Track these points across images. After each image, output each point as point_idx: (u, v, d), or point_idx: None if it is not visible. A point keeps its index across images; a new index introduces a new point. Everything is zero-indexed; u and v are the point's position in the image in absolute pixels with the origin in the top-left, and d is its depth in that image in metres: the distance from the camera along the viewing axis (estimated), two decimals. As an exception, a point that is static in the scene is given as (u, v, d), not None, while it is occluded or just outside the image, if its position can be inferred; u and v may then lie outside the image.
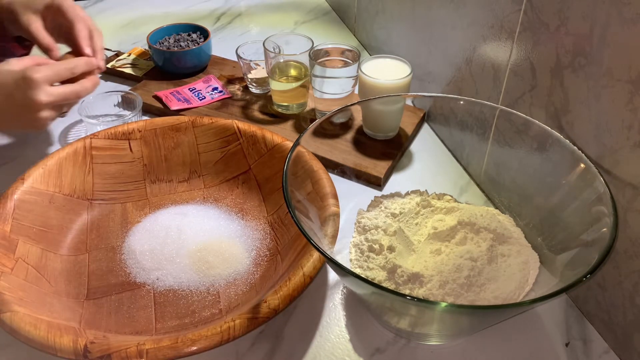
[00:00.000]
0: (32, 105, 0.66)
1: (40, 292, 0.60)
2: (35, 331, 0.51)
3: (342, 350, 0.59)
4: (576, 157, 0.56)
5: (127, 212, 0.73)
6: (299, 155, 0.60)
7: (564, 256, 0.55)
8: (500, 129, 0.68)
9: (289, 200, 0.53)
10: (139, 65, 1.04)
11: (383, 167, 0.79)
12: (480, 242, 0.60)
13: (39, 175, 0.69)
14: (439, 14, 0.83)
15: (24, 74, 0.66)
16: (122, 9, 1.29)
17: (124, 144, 0.77)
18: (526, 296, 0.56)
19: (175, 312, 0.61)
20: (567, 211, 0.58)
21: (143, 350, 0.49)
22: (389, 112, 0.81)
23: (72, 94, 0.70)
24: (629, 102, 0.50)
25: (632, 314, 0.54)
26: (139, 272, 0.65)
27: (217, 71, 1.03)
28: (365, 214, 0.66)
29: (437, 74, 0.87)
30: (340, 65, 0.85)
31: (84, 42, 0.74)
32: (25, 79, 0.66)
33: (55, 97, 0.68)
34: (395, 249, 0.60)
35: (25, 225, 0.65)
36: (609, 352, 0.58)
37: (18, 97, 0.66)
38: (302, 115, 0.91)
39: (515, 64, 0.67)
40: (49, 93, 0.67)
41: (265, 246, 0.69)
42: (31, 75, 0.66)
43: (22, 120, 0.69)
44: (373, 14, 1.06)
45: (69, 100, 0.71)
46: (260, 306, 0.53)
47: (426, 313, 0.52)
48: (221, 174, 0.78)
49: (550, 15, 0.59)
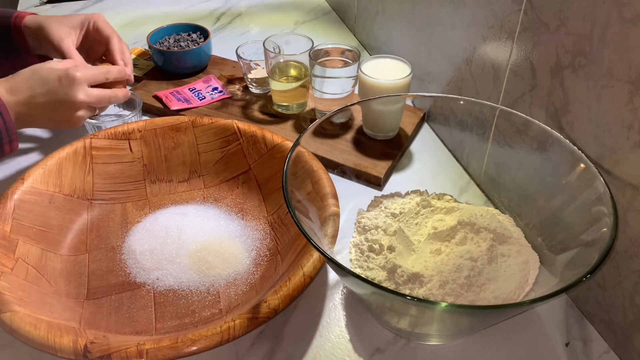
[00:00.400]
0: (72, 103, 0.71)
1: (40, 292, 0.60)
2: (35, 331, 0.51)
3: (342, 350, 0.59)
4: (576, 157, 0.56)
5: (127, 212, 0.73)
6: (299, 155, 0.60)
7: (564, 256, 0.55)
8: (500, 129, 0.68)
9: (289, 200, 0.53)
10: (139, 65, 1.04)
11: (383, 167, 0.79)
12: (480, 242, 0.60)
13: (39, 175, 0.69)
14: (439, 14, 0.83)
15: (67, 72, 0.71)
16: (122, 9, 1.29)
17: (124, 144, 0.77)
18: (526, 296, 0.56)
19: (175, 312, 0.61)
20: (567, 211, 0.58)
21: (143, 350, 0.49)
22: (389, 112, 0.81)
23: (106, 98, 0.76)
24: (629, 102, 0.50)
25: (632, 314, 0.54)
26: (139, 272, 0.65)
27: (217, 71, 1.03)
28: (365, 214, 0.66)
29: (437, 74, 0.87)
30: (340, 65, 0.85)
31: (117, 56, 0.82)
32: (68, 77, 0.71)
33: (92, 98, 0.73)
34: (395, 249, 0.60)
35: (25, 225, 0.65)
36: (609, 352, 0.58)
37: (60, 93, 0.71)
38: (302, 115, 0.91)
39: (515, 64, 0.67)
40: (87, 93, 0.73)
41: (265, 246, 0.69)
42: (74, 74, 0.71)
43: (60, 116, 0.73)
44: (373, 14, 1.06)
45: (102, 103, 0.76)
46: (260, 306, 0.53)
47: (426, 313, 0.52)
48: (221, 174, 0.78)
49: (550, 15, 0.59)
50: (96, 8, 1.29)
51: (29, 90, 0.70)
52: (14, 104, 0.69)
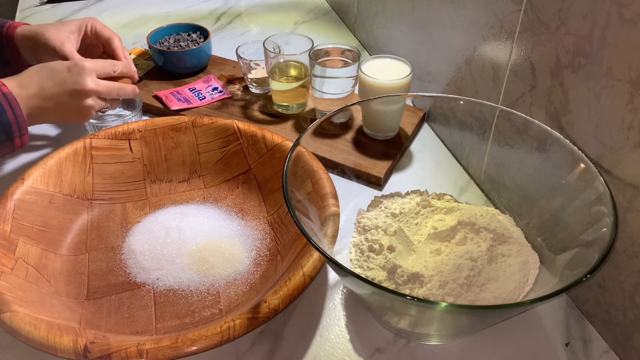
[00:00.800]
0: (82, 91, 0.73)
1: (40, 292, 0.60)
2: (35, 331, 0.51)
3: (342, 350, 0.59)
4: (576, 157, 0.56)
5: (127, 212, 0.73)
6: (299, 155, 0.60)
7: (564, 256, 0.55)
8: (500, 129, 0.68)
9: (289, 200, 0.53)
10: (139, 65, 1.04)
11: (383, 167, 0.79)
12: (480, 242, 0.60)
13: (39, 175, 0.69)
14: (439, 14, 0.83)
15: (76, 62, 0.75)
16: (122, 9, 1.29)
17: (124, 144, 0.77)
18: (526, 296, 0.56)
19: (175, 312, 0.61)
20: (567, 211, 0.58)
21: (143, 350, 0.49)
22: (389, 112, 0.81)
23: (115, 89, 0.78)
24: (629, 102, 0.50)
25: (632, 314, 0.54)
26: (139, 272, 0.65)
27: (217, 71, 1.03)
28: (365, 214, 0.66)
29: (437, 74, 0.87)
30: (340, 65, 0.85)
31: (120, 53, 0.84)
32: (77, 66, 0.74)
33: (102, 87, 0.76)
34: (395, 249, 0.60)
35: (25, 225, 0.65)
36: (609, 352, 0.58)
37: (69, 82, 0.73)
38: (302, 115, 0.91)
39: (515, 64, 0.67)
40: (97, 82, 0.75)
41: (265, 246, 0.69)
42: (83, 63, 0.74)
43: (70, 106, 0.74)
44: (373, 14, 1.06)
45: (112, 93, 0.78)
46: (260, 306, 0.53)
47: (426, 313, 0.52)
48: (221, 174, 0.78)
49: (550, 15, 0.59)
50: (96, 8, 1.29)
51: (38, 83, 0.71)
52: (25, 98, 0.70)
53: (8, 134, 0.68)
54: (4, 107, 0.67)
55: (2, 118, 0.67)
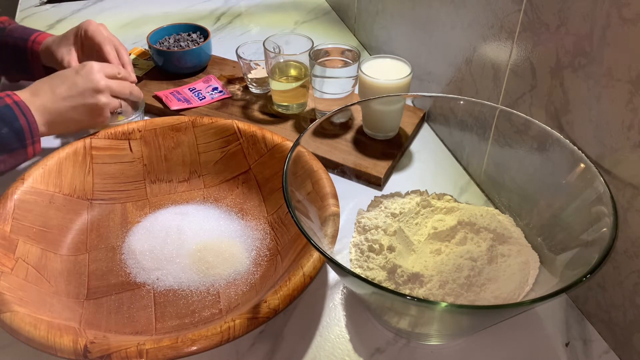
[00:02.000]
0: (94, 89, 0.75)
1: (40, 292, 0.60)
2: (35, 331, 0.51)
3: (342, 350, 0.59)
4: (576, 157, 0.56)
5: (127, 212, 0.73)
6: (299, 155, 0.60)
7: (564, 256, 0.55)
8: (500, 129, 0.68)
9: (289, 200, 0.53)
10: (139, 65, 1.04)
11: (383, 167, 0.79)
12: (480, 242, 0.60)
13: (39, 175, 0.69)
14: (439, 14, 0.83)
15: (84, 64, 0.77)
16: (122, 9, 1.29)
17: (124, 144, 0.77)
18: (526, 296, 0.56)
19: (175, 312, 0.61)
20: (567, 211, 0.58)
21: (143, 350, 0.49)
22: (389, 112, 0.81)
23: (124, 87, 0.79)
24: (629, 102, 0.50)
25: (632, 314, 0.54)
26: (139, 272, 0.65)
27: (217, 71, 1.03)
28: (365, 214, 0.66)
29: (437, 74, 0.87)
30: (340, 65, 0.85)
31: (113, 61, 0.85)
32: (85, 67, 0.76)
33: (112, 84, 0.77)
34: (395, 249, 0.60)
35: (25, 225, 0.65)
36: (609, 352, 0.58)
37: (80, 83, 0.74)
38: (302, 115, 0.91)
39: (515, 64, 0.67)
40: (107, 80, 0.77)
41: (265, 246, 0.69)
42: (91, 64, 0.76)
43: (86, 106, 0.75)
44: (373, 14, 1.06)
45: (124, 92, 0.79)
46: (260, 306, 0.53)
47: (426, 313, 0.52)
48: (221, 174, 0.78)
49: (550, 15, 0.59)
50: (96, 8, 1.29)
51: (50, 89, 0.73)
52: (40, 105, 0.72)
53: (21, 141, 0.69)
54: (16, 113, 0.69)
55: (15, 124, 0.68)
